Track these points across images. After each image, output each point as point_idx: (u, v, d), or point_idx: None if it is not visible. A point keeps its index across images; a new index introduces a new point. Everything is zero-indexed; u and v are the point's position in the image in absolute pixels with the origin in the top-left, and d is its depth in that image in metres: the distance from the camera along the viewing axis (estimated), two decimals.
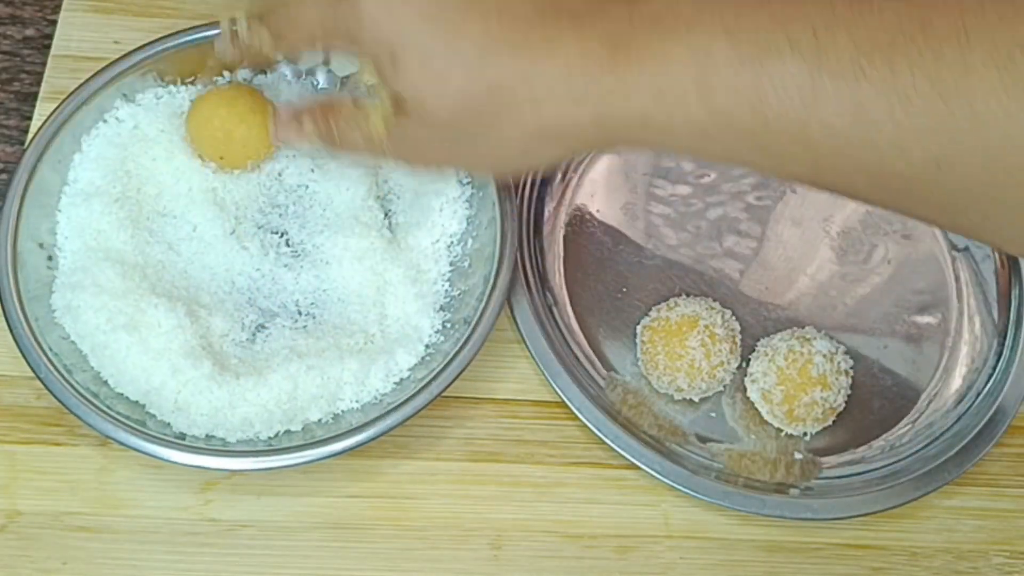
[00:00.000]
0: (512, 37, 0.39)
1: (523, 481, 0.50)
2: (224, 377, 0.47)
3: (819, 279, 0.56)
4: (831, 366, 0.50)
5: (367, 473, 0.50)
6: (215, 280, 0.51)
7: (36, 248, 0.50)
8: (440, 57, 0.39)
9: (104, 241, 0.50)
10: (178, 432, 0.47)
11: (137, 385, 0.47)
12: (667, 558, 0.49)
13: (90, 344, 0.48)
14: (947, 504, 0.52)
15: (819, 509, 0.49)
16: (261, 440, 0.47)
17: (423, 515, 0.49)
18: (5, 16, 0.60)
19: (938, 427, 0.53)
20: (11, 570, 0.46)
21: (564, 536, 0.49)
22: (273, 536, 0.48)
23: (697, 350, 0.50)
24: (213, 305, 0.50)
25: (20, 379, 0.49)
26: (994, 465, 0.53)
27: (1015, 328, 0.55)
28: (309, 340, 0.50)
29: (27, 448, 0.49)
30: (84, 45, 0.58)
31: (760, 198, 0.58)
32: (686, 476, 0.49)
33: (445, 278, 0.52)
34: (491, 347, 0.50)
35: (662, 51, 0.37)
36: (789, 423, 0.51)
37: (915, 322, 0.56)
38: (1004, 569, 0.50)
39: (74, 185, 0.51)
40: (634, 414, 0.52)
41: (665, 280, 0.56)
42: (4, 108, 0.58)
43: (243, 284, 0.51)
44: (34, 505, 0.48)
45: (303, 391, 0.48)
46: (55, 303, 0.49)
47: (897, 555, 0.50)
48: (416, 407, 0.47)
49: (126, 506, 0.48)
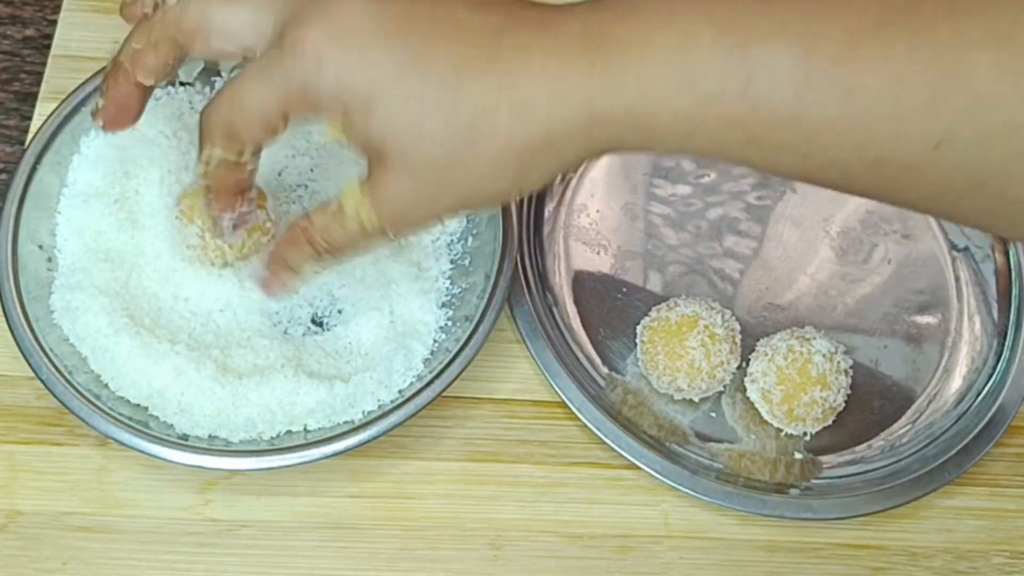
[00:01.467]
0: (482, 54, 0.37)
1: (523, 481, 0.50)
2: (227, 378, 0.47)
3: (819, 279, 0.56)
4: (831, 366, 0.50)
5: (367, 473, 0.50)
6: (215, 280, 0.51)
7: (36, 249, 0.50)
8: (414, 94, 0.36)
9: (104, 242, 0.50)
10: (181, 433, 0.47)
11: (139, 388, 0.47)
12: (667, 558, 0.49)
13: (90, 346, 0.48)
14: (947, 504, 0.52)
15: (819, 509, 0.49)
16: (264, 440, 0.47)
17: (423, 515, 0.49)
18: (5, 16, 0.60)
19: (938, 427, 0.53)
20: (11, 570, 0.46)
21: (564, 536, 0.49)
22: (273, 536, 0.48)
23: (697, 350, 0.50)
24: (214, 306, 0.50)
25: (20, 379, 0.49)
26: (994, 465, 0.53)
27: (1015, 328, 0.55)
28: (312, 339, 0.50)
29: (27, 448, 0.49)
30: (84, 45, 0.58)
31: (760, 198, 0.58)
32: (686, 476, 0.49)
33: (446, 275, 0.52)
34: (491, 347, 0.50)
35: (643, 41, 0.36)
36: (789, 423, 0.51)
37: (915, 322, 0.56)
38: (1004, 569, 0.50)
39: (73, 186, 0.51)
40: (634, 414, 0.52)
41: (665, 280, 0.56)
42: (4, 108, 0.58)
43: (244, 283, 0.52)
44: (34, 505, 0.48)
45: (304, 392, 0.48)
46: (54, 304, 0.49)
47: (897, 555, 0.50)
48: (416, 407, 0.47)
49: (126, 506, 0.48)
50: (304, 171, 0.53)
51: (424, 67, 0.37)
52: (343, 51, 0.37)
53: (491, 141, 0.37)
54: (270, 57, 0.38)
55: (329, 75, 0.37)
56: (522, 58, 0.37)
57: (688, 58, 0.35)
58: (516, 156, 0.38)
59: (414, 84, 0.36)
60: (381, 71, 0.37)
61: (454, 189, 0.39)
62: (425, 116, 0.37)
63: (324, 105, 0.38)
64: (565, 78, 0.36)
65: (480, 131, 0.37)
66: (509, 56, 0.37)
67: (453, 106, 0.37)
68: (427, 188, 0.39)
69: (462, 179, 0.38)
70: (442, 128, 0.37)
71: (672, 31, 0.35)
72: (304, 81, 0.37)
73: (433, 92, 0.36)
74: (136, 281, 0.50)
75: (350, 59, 0.37)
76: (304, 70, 0.37)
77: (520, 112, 0.37)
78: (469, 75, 0.37)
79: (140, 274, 0.50)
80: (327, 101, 0.38)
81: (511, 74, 0.36)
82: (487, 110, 0.36)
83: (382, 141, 0.38)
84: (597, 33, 0.36)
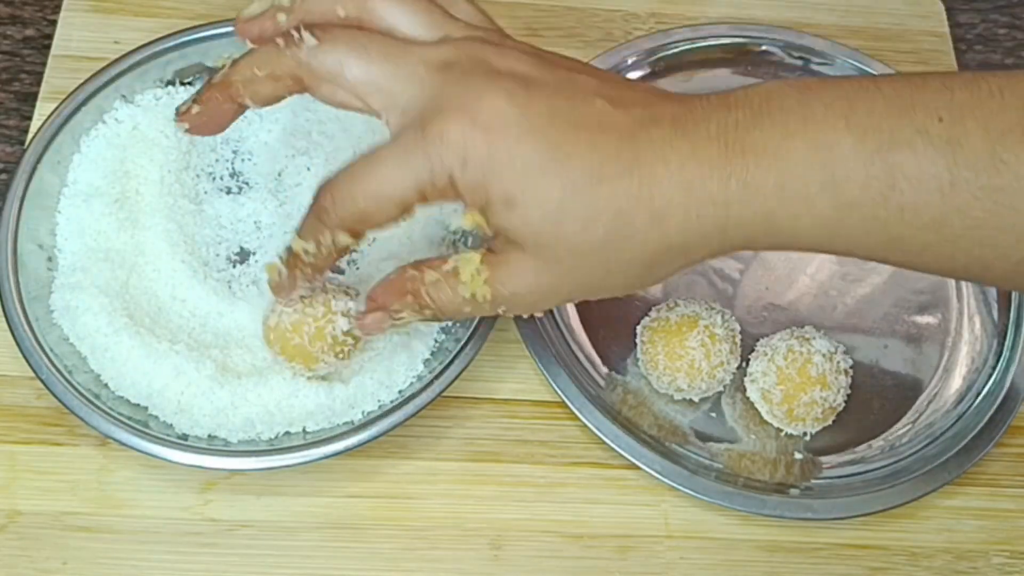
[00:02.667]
0: (623, 157, 0.37)
1: (523, 481, 0.50)
2: (226, 377, 0.48)
3: (819, 279, 0.56)
4: (830, 365, 0.50)
5: (367, 473, 0.50)
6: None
7: (36, 249, 0.50)
8: (556, 192, 0.37)
9: (104, 242, 0.50)
10: (181, 433, 0.47)
11: (139, 388, 0.47)
12: (667, 558, 0.49)
13: (89, 346, 0.48)
14: (947, 504, 0.52)
15: (819, 509, 0.49)
16: (263, 440, 0.47)
17: (423, 515, 0.49)
18: (5, 16, 0.60)
19: (938, 427, 0.53)
20: (11, 570, 0.46)
21: (564, 536, 0.49)
22: (273, 536, 0.48)
23: (697, 350, 0.50)
24: (214, 306, 0.50)
25: (20, 379, 0.49)
26: (994, 465, 0.53)
27: (1015, 328, 0.55)
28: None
29: (27, 448, 0.49)
30: (84, 45, 0.58)
31: None
32: (686, 476, 0.49)
33: None
34: (491, 347, 0.50)
35: (781, 148, 0.35)
36: (789, 423, 0.51)
37: (915, 322, 0.56)
38: (1004, 569, 0.50)
39: (73, 186, 0.51)
40: (634, 414, 0.52)
41: (665, 280, 0.55)
42: (4, 108, 0.58)
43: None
44: (34, 505, 0.48)
45: (304, 394, 0.48)
46: (54, 303, 0.49)
47: (897, 555, 0.50)
48: (416, 407, 0.47)
49: (126, 506, 0.48)
50: (303, 171, 0.53)
51: (567, 164, 0.37)
52: (489, 147, 0.37)
53: (626, 243, 0.37)
54: (411, 144, 0.38)
55: (475, 169, 0.37)
56: (660, 161, 0.37)
57: (829, 165, 0.35)
58: (648, 258, 0.38)
59: (556, 182, 0.37)
60: (527, 169, 0.37)
61: (578, 284, 0.39)
62: (564, 214, 0.37)
63: (465, 196, 0.38)
64: (702, 185, 0.36)
65: (617, 232, 0.37)
66: (650, 161, 0.37)
67: (592, 207, 0.37)
68: (552, 279, 0.39)
69: (589, 276, 0.39)
70: (580, 227, 0.37)
71: (809, 136, 0.35)
72: (448, 173, 0.37)
73: (574, 191, 0.37)
74: (136, 281, 0.50)
75: (496, 155, 0.37)
76: (450, 163, 0.37)
77: (658, 218, 0.37)
78: (609, 175, 0.37)
79: (140, 274, 0.50)
80: (469, 193, 0.38)
81: (650, 177, 0.36)
82: (625, 212, 0.37)
83: (521, 236, 0.38)
84: (733, 137, 0.36)
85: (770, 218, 0.36)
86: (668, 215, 0.37)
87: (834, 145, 0.35)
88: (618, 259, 0.38)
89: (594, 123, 0.37)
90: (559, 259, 0.38)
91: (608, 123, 0.37)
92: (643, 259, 0.38)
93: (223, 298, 0.50)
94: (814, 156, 0.35)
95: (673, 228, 0.37)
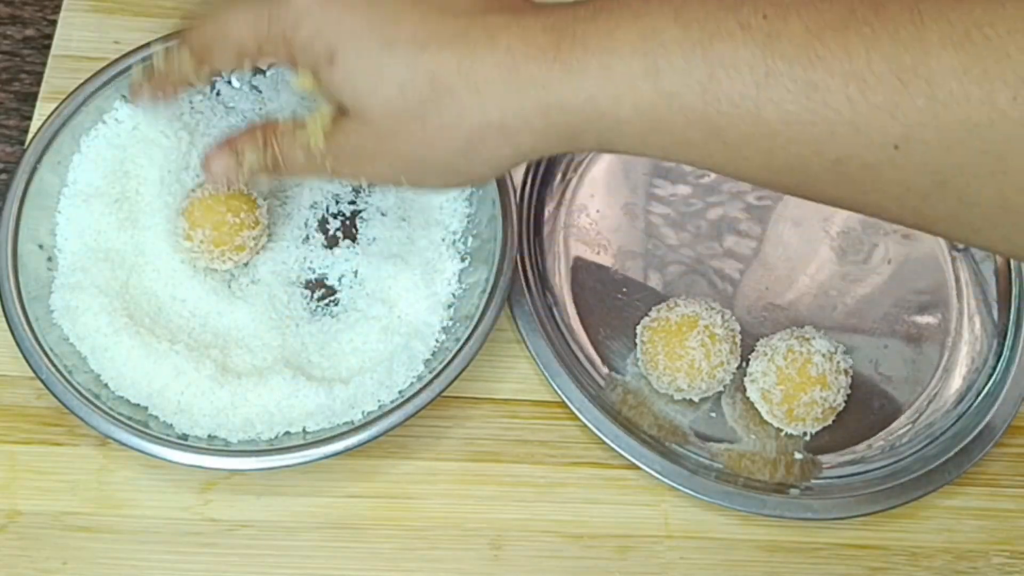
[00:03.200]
0: (450, 30, 0.38)
1: (523, 481, 0.50)
2: (226, 377, 0.48)
3: (819, 279, 0.57)
4: (830, 365, 0.50)
5: (367, 473, 0.50)
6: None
7: (36, 249, 0.50)
8: (377, 51, 0.38)
9: (104, 242, 0.50)
10: (181, 433, 0.47)
11: (139, 388, 0.47)
12: (667, 558, 0.49)
13: (89, 346, 0.48)
14: (947, 504, 0.52)
15: (819, 509, 0.49)
16: (263, 440, 0.47)
17: (423, 515, 0.49)
18: (5, 16, 0.60)
19: (938, 427, 0.53)
20: (11, 570, 0.46)
21: (564, 536, 0.49)
22: (273, 536, 0.48)
23: (697, 350, 0.50)
24: (214, 306, 0.50)
25: (20, 379, 0.49)
26: (994, 465, 0.53)
27: (1015, 328, 0.55)
28: (312, 339, 0.50)
29: (27, 448, 0.49)
30: (84, 45, 0.58)
31: (760, 198, 0.58)
32: (686, 476, 0.49)
33: (456, 277, 0.52)
34: (491, 347, 0.50)
35: (609, 35, 0.36)
36: (789, 423, 0.51)
37: (915, 322, 0.56)
38: (1004, 569, 0.50)
39: (73, 186, 0.51)
40: (634, 414, 0.52)
41: (665, 280, 0.56)
42: (4, 108, 0.58)
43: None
44: (34, 505, 0.48)
45: (303, 395, 0.48)
46: (54, 303, 0.49)
47: (897, 555, 0.50)
48: (416, 407, 0.47)
49: (126, 506, 0.48)
50: None
51: (393, 34, 0.38)
52: (323, 9, 0.39)
53: (442, 114, 0.38)
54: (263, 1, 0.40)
55: (307, 26, 0.39)
56: (489, 41, 0.38)
57: (651, 53, 0.36)
58: (466, 133, 0.39)
59: (380, 47, 0.38)
60: (353, 30, 0.39)
61: (399, 154, 0.40)
62: (382, 79, 0.38)
63: (297, 53, 0.40)
64: (525, 66, 0.37)
65: (433, 103, 0.38)
66: (477, 37, 0.38)
67: (411, 69, 0.38)
68: (373, 144, 0.40)
69: (407, 145, 0.40)
70: (396, 94, 0.38)
71: (638, 27, 0.36)
72: (284, 26, 0.40)
73: (397, 54, 0.38)
74: (136, 281, 0.50)
75: (328, 16, 0.39)
76: (287, 16, 0.40)
77: (475, 91, 0.38)
78: (433, 48, 0.38)
79: (140, 274, 0.50)
80: (300, 50, 0.40)
81: (474, 55, 0.38)
82: (444, 81, 0.38)
83: (342, 94, 0.40)
84: (566, 26, 0.37)
85: (592, 102, 0.37)
86: (487, 90, 0.38)
87: (660, 34, 0.36)
88: (436, 131, 0.39)
89: (436, 4, 0.39)
90: (376, 121, 0.39)
91: (449, 6, 0.39)
92: (461, 133, 0.39)
93: (223, 298, 0.50)
94: (640, 44, 0.36)
95: (491, 102, 0.38)
